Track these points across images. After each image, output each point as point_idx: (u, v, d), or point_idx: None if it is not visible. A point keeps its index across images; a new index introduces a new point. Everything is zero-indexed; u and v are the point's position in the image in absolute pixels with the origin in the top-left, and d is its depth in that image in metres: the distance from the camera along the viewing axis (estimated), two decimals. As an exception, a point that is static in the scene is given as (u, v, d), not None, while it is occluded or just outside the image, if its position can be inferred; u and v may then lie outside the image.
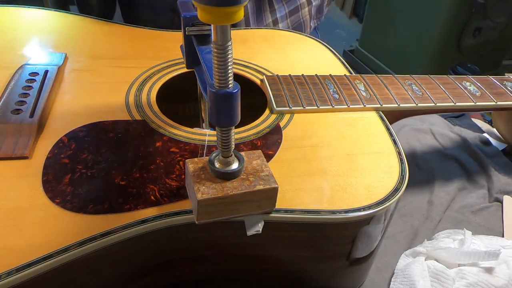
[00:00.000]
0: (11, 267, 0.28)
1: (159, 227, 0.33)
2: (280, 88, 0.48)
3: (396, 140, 0.43)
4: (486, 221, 0.56)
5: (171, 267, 0.38)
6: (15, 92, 0.42)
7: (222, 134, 0.30)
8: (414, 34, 1.91)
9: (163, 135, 0.40)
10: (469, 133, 0.72)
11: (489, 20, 1.79)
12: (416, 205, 0.57)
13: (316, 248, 0.39)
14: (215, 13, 0.25)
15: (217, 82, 0.28)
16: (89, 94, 0.45)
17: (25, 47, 0.50)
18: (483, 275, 0.43)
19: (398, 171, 0.40)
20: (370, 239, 0.40)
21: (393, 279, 0.46)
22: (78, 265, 0.30)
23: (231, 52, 0.27)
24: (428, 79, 0.55)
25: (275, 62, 0.55)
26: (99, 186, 0.35)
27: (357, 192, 0.37)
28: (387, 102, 0.48)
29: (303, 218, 0.35)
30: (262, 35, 0.62)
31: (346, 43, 2.53)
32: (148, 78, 0.49)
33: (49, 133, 0.39)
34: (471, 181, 0.62)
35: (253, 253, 0.38)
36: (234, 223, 0.34)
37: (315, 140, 0.42)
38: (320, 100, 0.47)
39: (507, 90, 0.55)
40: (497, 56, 2.02)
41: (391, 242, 0.51)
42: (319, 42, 0.63)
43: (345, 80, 0.51)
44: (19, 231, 0.31)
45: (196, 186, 0.31)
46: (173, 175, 0.36)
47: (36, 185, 0.34)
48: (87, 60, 0.50)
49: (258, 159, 0.34)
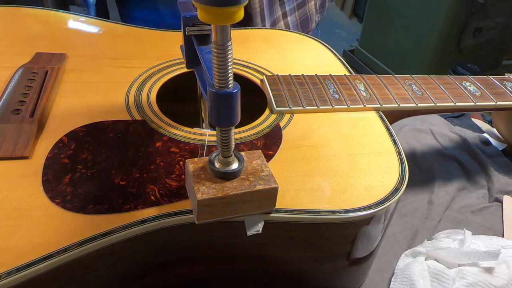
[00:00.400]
0: (11, 267, 0.28)
1: (159, 227, 0.33)
2: (280, 88, 0.48)
3: (396, 140, 0.43)
4: (486, 221, 0.56)
5: (171, 267, 0.38)
6: (15, 92, 0.42)
7: (222, 134, 0.30)
8: (414, 34, 1.91)
9: (163, 135, 0.40)
10: (469, 133, 0.72)
11: (489, 20, 1.79)
12: (416, 205, 0.57)
13: (316, 248, 0.39)
14: (215, 13, 0.25)
15: (217, 82, 0.28)
16: (89, 94, 0.45)
17: (25, 47, 0.50)
18: (483, 275, 0.43)
19: (398, 171, 0.40)
20: (370, 239, 0.40)
21: (393, 279, 0.46)
22: (78, 265, 0.30)
23: (231, 52, 0.27)
24: (428, 79, 0.55)
25: (275, 62, 0.55)
26: (99, 186, 0.35)
27: (357, 192, 0.37)
28: (387, 102, 0.48)
29: (303, 218, 0.35)
30: (262, 35, 0.62)
31: (346, 43, 2.53)
32: (148, 78, 0.49)
33: (49, 133, 0.39)
34: (471, 181, 0.62)
35: (253, 253, 0.38)
36: (234, 223, 0.34)
37: (315, 140, 0.42)
38: (320, 100, 0.47)
39: (507, 90, 0.55)
40: (497, 56, 2.02)
41: (391, 242, 0.51)
42: (319, 42, 0.63)
43: (345, 80, 0.51)
44: (19, 231, 0.31)
45: (196, 186, 0.31)
46: (173, 175, 0.36)
47: (36, 185, 0.34)
48: (87, 60, 0.50)
49: (258, 159, 0.34)
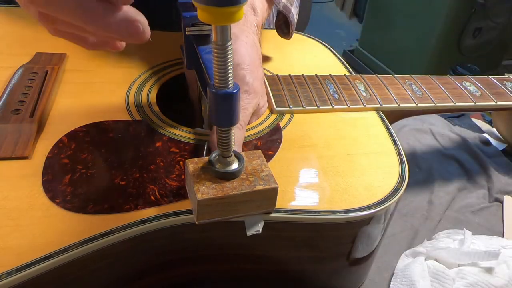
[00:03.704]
0: (11, 267, 0.28)
1: (159, 227, 0.33)
2: (280, 88, 0.48)
3: (396, 140, 0.43)
4: (486, 221, 0.56)
5: (171, 267, 0.38)
6: (15, 92, 0.42)
7: (222, 134, 0.30)
8: (414, 34, 1.92)
9: (163, 135, 0.40)
10: (469, 133, 0.72)
11: (489, 20, 1.79)
12: (416, 205, 0.57)
13: (316, 248, 0.39)
14: (215, 13, 0.25)
15: (217, 82, 0.28)
16: (89, 94, 0.45)
17: (25, 47, 0.50)
18: (483, 275, 0.43)
19: (398, 171, 0.40)
20: (370, 239, 0.40)
21: (393, 279, 0.46)
22: (78, 265, 0.30)
23: (231, 53, 0.27)
24: (428, 79, 0.55)
25: (275, 62, 0.55)
26: (99, 186, 0.35)
27: (357, 192, 0.37)
28: (387, 102, 0.48)
29: (303, 218, 0.35)
30: (262, 35, 0.61)
31: (346, 43, 2.53)
32: (148, 78, 0.49)
33: (49, 133, 0.39)
34: (471, 181, 0.62)
35: (253, 253, 0.38)
36: (234, 223, 0.34)
37: (315, 140, 0.42)
38: (320, 100, 0.47)
39: (507, 90, 0.55)
40: (497, 56, 2.02)
41: (391, 242, 0.51)
42: (319, 42, 0.63)
43: (345, 80, 0.51)
44: (19, 231, 0.31)
45: (196, 186, 0.31)
46: (173, 175, 0.36)
47: (36, 185, 0.34)
48: (87, 60, 0.50)
49: (258, 159, 0.34)
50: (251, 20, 0.42)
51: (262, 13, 0.45)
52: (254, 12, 0.43)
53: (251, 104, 0.40)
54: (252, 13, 0.43)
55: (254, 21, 0.43)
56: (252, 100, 0.40)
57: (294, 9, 0.49)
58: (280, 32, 0.54)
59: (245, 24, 0.42)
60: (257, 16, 0.43)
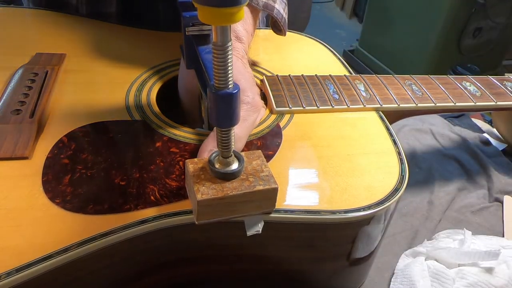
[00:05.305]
0: (11, 267, 0.28)
1: (159, 227, 0.33)
2: (280, 88, 0.48)
3: (396, 140, 0.43)
4: (486, 221, 0.56)
5: (171, 267, 0.38)
6: (15, 92, 0.42)
7: (222, 134, 0.30)
8: (414, 34, 1.92)
9: (163, 135, 0.40)
10: (469, 133, 0.72)
11: (489, 20, 1.79)
12: (416, 205, 0.57)
13: (316, 248, 0.39)
14: (215, 14, 0.25)
15: (217, 82, 0.28)
16: (89, 95, 0.45)
17: (25, 47, 0.50)
18: (483, 275, 0.43)
19: (398, 171, 0.40)
20: (370, 239, 0.40)
21: (393, 279, 0.46)
22: (78, 265, 0.30)
23: (231, 53, 0.27)
24: (428, 79, 0.55)
25: (275, 62, 0.55)
26: (99, 187, 0.35)
27: (357, 192, 0.37)
28: (387, 102, 0.48)
29: (303, 218, 0.35)
30: (262, 35, 0.62)
31: (346, 43, 2.53)
32: (148, 78, 0.49)
33: (49, 133, 0.39)
34: (471, 181, 0.62)
35: (253, 253, 0.38)
36: (234, 224, 0.34)
37: (315, 140, 0.42)
38: (320, 100, 0.47)
39: (507, 90, 0.55)
40: (497, 56, 2.02)
41: (391, 242, 0.51)
42: (319, 42, 0.63)
43: (345, 80, 0.51)
44: (19, 231, 0.31)
45: (196, 186, 0.31)
46: (173, 175, 0.36)
47: (36, 185, 0.34)
48: (87, 61, 0.50)
49: (258, 159, 0.34)
50: (237, 46, 0.43)
51: (247, 40, 0.45)
52: (239, 40, 0.44)
53: (251, 117, 0.40)
54: (237, 41, 0.43)
55: (242, 47, 0.43)
56: (253, 113, 0.40)
57: (278, 4, 0.49)
58: (275, 29, 0.54)
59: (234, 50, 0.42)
60: (243, 44, 0.44)
